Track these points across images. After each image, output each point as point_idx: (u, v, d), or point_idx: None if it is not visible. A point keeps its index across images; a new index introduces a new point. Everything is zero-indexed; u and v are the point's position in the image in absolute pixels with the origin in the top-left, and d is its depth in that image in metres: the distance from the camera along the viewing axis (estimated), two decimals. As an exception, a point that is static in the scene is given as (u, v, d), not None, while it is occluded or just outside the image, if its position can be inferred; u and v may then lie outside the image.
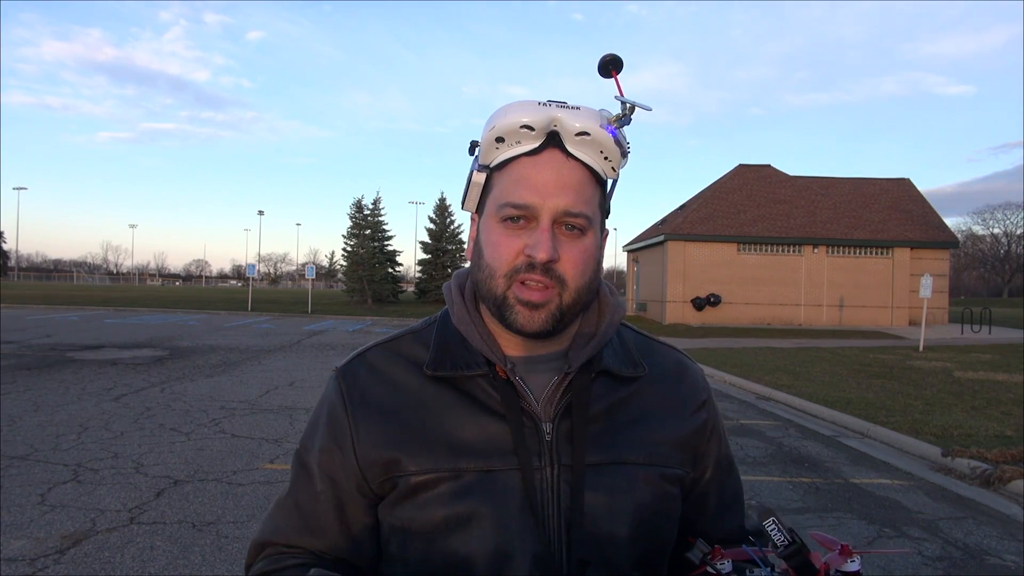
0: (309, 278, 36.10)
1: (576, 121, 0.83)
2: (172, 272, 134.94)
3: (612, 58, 0.87)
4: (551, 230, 0.84)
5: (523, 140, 0.85)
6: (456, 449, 0.86)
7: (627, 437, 0.90)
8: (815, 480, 5.86)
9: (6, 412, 7.44)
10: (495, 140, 0.86)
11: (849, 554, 0.69)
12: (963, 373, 12.47)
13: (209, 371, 11.31)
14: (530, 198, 0.84)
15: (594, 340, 0.92)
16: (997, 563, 4.12)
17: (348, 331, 21.78)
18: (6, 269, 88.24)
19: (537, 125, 0.83)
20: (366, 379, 0.93)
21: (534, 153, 0.85)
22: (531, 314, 0.85)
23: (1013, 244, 76.63)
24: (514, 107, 0.85)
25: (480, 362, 0.89)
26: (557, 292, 0.85)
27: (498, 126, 0.84)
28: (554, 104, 0.85)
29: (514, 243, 0.85)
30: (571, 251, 0.85)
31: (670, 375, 0.99)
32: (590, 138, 0.84)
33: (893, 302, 26.85)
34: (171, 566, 3.72)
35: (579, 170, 0.86)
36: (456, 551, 0.84)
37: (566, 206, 0.84)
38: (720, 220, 27.53)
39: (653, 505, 0.89)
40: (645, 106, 0.86)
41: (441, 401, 0.89)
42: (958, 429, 7.46)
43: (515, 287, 0.85)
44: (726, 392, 10.93)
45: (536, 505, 0.85)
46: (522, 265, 0.84)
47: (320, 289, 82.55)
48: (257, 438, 6.66)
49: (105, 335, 17.10)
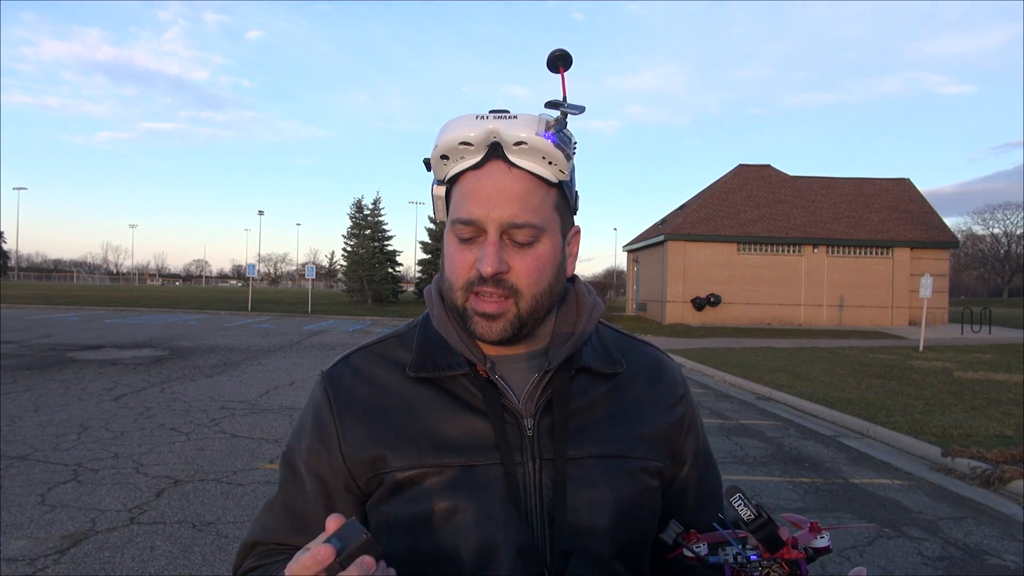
0: (309, 278, 36.12)
1: (513, 131, 0.84)
2: (172, 272, 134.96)
3: (561, 54, 0.87)
4: (498, 242, 0.85)
5: (466, 155, 0.86)
6: (440, 446, 0.89)
7: (607, 431, 0.93)
8: (815, 480, 5.86)
9: (6, 412, 7.44)
10: (440, 157, 0.88)
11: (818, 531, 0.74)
12: (963, 373, 12.48)
13: (209, 371, 11.31)
14: (475, 212, 0.85)
15: (572, 338, 0.94)
16: (997, 563, 4.12)
17: (348, 331, 21.79)
18: (6, 269, 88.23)
19: (475, 140, 0.85)
20: (351, 381, 0.95)
21: (478, 167, 0.86)
22: (488, 324, 0.88)
23: (1013, 244, 76.62)
24: (454, 124, 0.86)
25: (461, 362, 0.92)
26: (513, 302, 0.87)
27: (439, 144, 0.86)
28: (492, 116, 0.86)
29: (467, 257, 0.88)
30: (523, 260, 0.87)
31: (648, 371, 1.01)
32: (528, 147, 0.84)
33: (893, 302, 26.85)
34: (171, 566, 3.72)
35: (523, 179, 0.86)
36: (441, 545, 0.86)
37: (510, 217, 0.85)
38: (720, 220, 27.54)
39: (634, 497, 0.92)
40: (576, 109, 0.85)
41: (424, 400, 0.91)
42: (958, 429, 7.46)
43: (472, 299, 0.88)
44: (726, 392, 10.93)
45: (519, 499, 0.87)
46: (475, 278, 0.87)
47: (320, 289, 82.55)
48: (257, 438, 6.66)
49: (105, 335, 17.10)
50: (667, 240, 26.99)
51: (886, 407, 8.86)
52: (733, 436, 7.49)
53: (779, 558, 0.74)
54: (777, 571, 0.74)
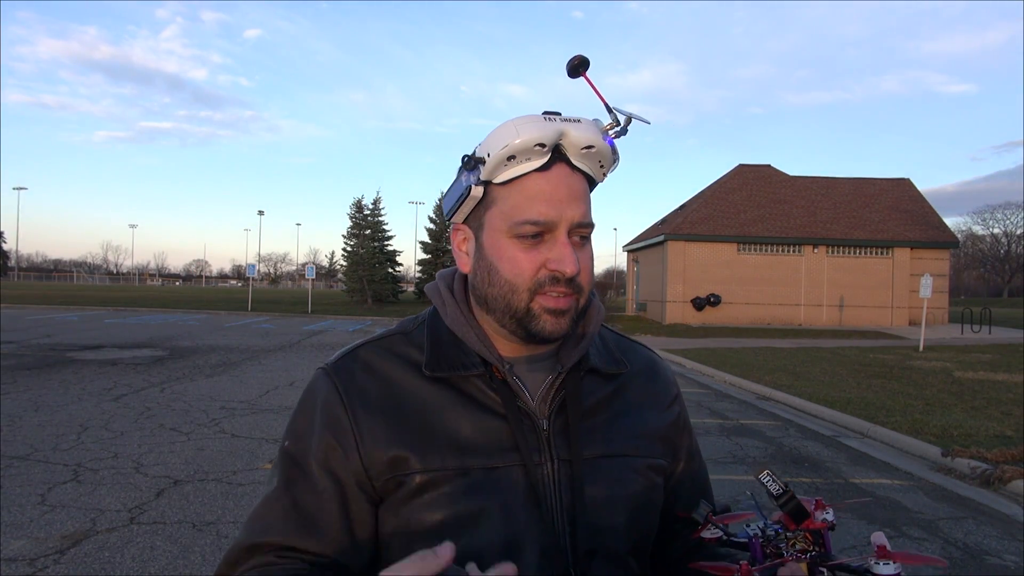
0: (309, 278, 36.10)
1: (582, 134, 0.86)
2: (172, 272, 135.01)
3: (581, 60, 0.87)
4: (570, 242, 0.87)
5: (533, 157, 0.86)
6: (461, 447, 0.88)
7: (616, 431, 0.95)
8: (815, 480, 5.86)
9: (6, 412, 7.44)
10: (507, 158, 0.86)
11: (823, 506, 0.79)
12: (963, 373, 12.47)
13: (209, 371, 11.31)
14: (549, 213, 0.86)
15: (584, 340, 0.96)
16: (997, 563, 4.12)
17: (348, 331, 21.79)
18: (6, 269, 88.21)
19: (548, 142, 0.85)
20: (362, 377, 0.92)
21: (544, 168, 0.86)
22: (557, 321, 0.88)
23: (1013, 244, 76.63)
24: (524, 124, 0.85)
25: (476, 362, 0.91)
26: (576, 298, 0.89)
27: (511, 145, 0.84)
28: (558, 118, 0.86)
29: (534, 257, 0.87)
30: (584, 259, 0.90)
31: (645, 371, 1.05)
32: (594, 151, 0.87)
33: (893, 302, 26.85)
34: (171, 566, 3.72)
35: (582, 181, 0.89)
36: (465, 548, 0.83)
37: (580, 217, 0.87)
38: (720, 220, 27.54)
39: (643, 495, 0.94)
40: (643, 119, 0.88)
41: (441, 400, 0.90)
42: (958, 429, 7.46)
43: (539, 299, 0.88)
44: (726, 392, 10.93)
45: (540, 499, 0.87)
46: (545, 279, 0.87)
47: (320, 289, 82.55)
48: (257, 438, 6.67)
49: (105, 335, 17.10)
50: (667, 240, 26.99)
51: (886, 407, 8.86)
52: (733, 436, 7.49)
53: (803, 529, 0.78)
54: (802, 541, 0.78)
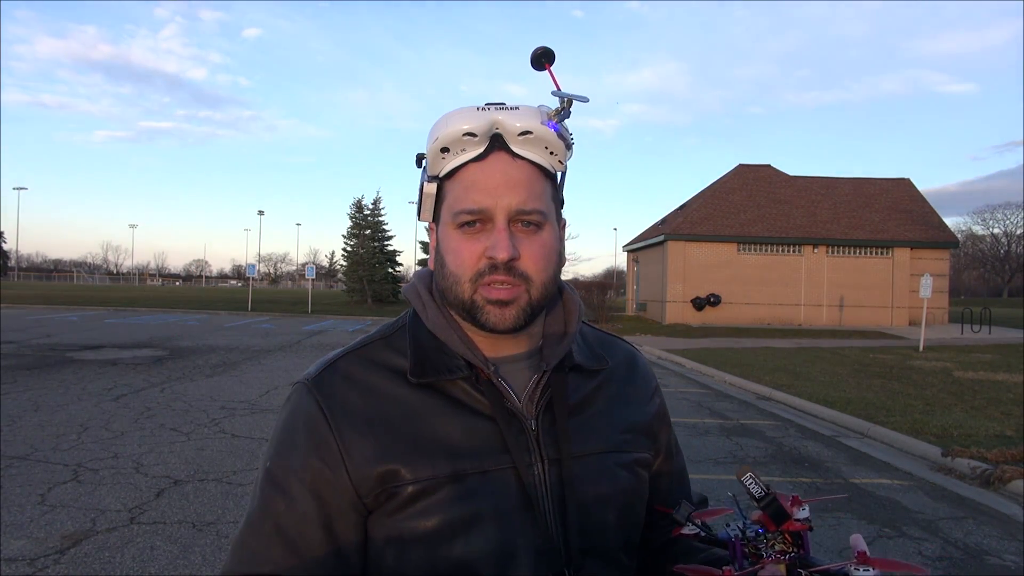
0: (309, 278, 36.12)
1: (517, 121, 0.85)
2: (172, 272, 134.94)
3: (544, 51, 0.87)
4: (507, 229, 0.85)
5: (467, 147, 0.86)
6: (451, 453, 0.86)
7: (602, 427, 0.95)
8: (815, 480, 5.86)
9: (6, 412, 7.44)
10: (440, 151, 0.87)
11: (800, 503, 0.79)
12: (963, 373, 12.47)
13: (209, 371, 11.31)
14: (483, 201, 0.85)
15: (566, 338, 0.95)
16: (997, 563, 4.12)
17: (348, 331, 21.78)
18: (6, 269, 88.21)
19: (479, 131, 0.85)
20: (344, 390, 0.89)
21: (480, 158, 0.86)
22: (501, 312, 0.86)
23: (1013, 244, 76.65)
24: (454, 116, 0.86)
25: (461, 365, 0.90)
26: (524, 289, 0.86)
27: (441, 137, 0.86)
28: (493, 107, 0.86)
29: (474, 247, 0.86)
30: (531, 247, 0.87)
31: (625, 366, 1.04)
32: (533, 136, 0.86)
33: (893, 302, 26.85)
34: (171, 566, 3.72)
35: (526, 168, 0.87)
36: (461, 554, 0.83)
37: (519, 204, 0.85)
38: (720, 220, 27.54)
39: (632, 490, 0.94)
40: (581, 98, 0.87)
41: (427, 407, 0.88)
42: (958, 429, 7.46)
43: (481, 289, 0.86)
44: (726, 392, 10.93)
45: (533, 500, 0.87)
46: (485, 268, 0.85)
47: (320, 289, 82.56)
48: (257, 438, 6.66)
49: (105, 335, 17.10)
50: (667, 240, 26.99)
51: (886, 407, 8.86)
52: (733, 436, 7.49)
53: (783, 530, 0.78)
54: (782, 543, 0.78)
